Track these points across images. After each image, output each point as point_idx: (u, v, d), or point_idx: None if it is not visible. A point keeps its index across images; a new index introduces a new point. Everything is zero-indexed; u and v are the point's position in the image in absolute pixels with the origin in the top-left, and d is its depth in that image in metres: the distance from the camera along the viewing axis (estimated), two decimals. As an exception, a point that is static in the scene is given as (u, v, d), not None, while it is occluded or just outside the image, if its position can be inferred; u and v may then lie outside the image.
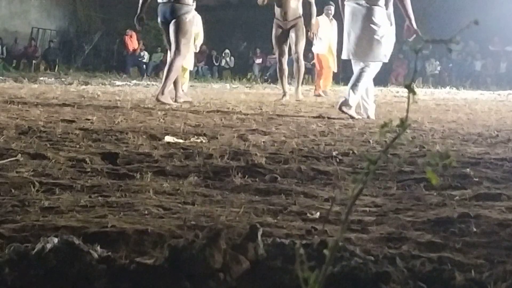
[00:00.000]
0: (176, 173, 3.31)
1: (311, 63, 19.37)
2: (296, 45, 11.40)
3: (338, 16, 10.17)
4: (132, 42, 27.53)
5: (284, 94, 11.12)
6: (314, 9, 12.06)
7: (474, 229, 2.24)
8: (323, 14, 14.66)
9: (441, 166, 1.09)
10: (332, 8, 14.36)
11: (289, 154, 4.06)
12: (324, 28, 14.53)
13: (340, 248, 1.64)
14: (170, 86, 8.91)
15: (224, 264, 1.60)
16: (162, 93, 8.61)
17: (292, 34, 11.36)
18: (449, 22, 19.81)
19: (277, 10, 11.41)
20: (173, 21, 8.80)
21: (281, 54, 11.37)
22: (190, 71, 11.83)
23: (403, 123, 1.08)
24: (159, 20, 9.05)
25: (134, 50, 27.57)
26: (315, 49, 14.89)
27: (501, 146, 4.85)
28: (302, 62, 11.76)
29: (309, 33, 11.89)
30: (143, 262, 1.64)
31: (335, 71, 15.35)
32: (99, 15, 31.02)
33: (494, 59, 25.54)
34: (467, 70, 26.41)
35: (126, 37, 27.49)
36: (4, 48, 29.38)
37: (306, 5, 11.84)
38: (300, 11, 11.48)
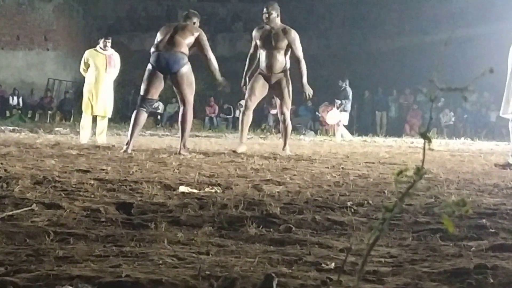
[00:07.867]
0: (191, 223, 3.31)
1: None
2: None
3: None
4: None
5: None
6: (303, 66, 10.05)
7: (491, 280, 2.22)
8: None
9: (457, 216, 1.08)
10: None
11: (304, 204, 4.05)
12: None
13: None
14: (188, 138, 9.10)
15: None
16: (184, 147, 8.84)
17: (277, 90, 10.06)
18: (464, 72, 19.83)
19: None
20: (176, 72, 8.95)
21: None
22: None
23: (419, 171, 1.08)
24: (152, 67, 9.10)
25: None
26: None
27: (517, 196, 4.82)
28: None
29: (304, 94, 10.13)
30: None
31: None
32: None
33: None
34: (482, 120, 26.44)
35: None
36: (21, 99, 29.72)
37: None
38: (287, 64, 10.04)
